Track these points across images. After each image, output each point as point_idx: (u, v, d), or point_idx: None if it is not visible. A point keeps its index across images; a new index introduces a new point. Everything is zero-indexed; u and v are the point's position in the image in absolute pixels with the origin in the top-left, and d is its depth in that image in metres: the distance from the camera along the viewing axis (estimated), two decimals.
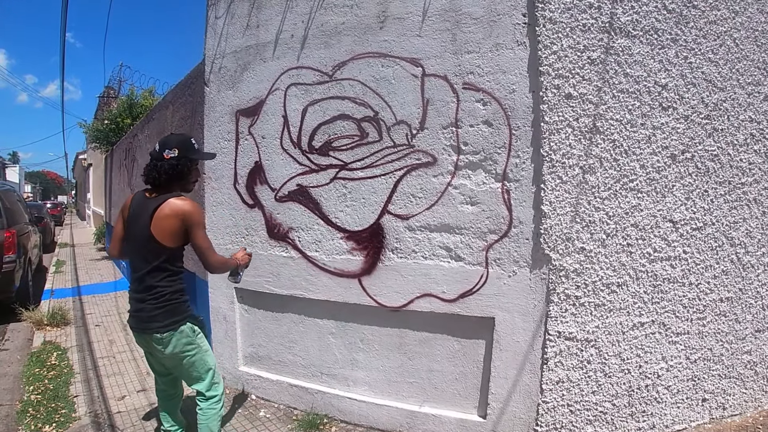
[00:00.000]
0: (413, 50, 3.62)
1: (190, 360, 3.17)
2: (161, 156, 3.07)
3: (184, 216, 2.99)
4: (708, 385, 4.01)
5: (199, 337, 3.21)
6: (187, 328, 3.12)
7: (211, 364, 3.28)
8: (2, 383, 5.18)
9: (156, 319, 3.03)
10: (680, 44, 3.53)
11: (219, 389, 3.32)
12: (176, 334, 3.06)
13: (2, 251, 7.45)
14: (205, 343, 3.26)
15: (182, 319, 3.10)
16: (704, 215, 3.77)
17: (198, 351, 3.19)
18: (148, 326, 3.05)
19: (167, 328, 3.04)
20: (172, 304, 3.07)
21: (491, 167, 3.46)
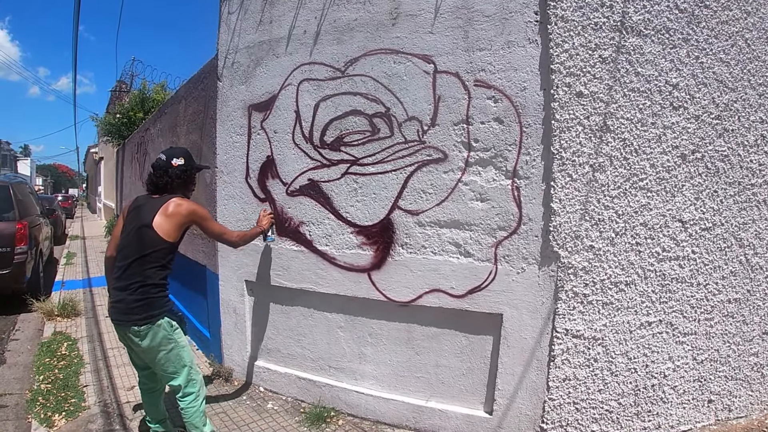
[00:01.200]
0: (425, 47, 3.64)
1: (166, 355, 3.22)
2: (170, 164, 3.40)
3: (193, 214, 3.31)
4: (714, 386, 4.01)
5: (176, 333, 3.27)
6: (165, 323, 3.19)
7: (187, 361, 3.32)
8: (13, 372, 5.25)
9: (134, 311, 3.13)
10: (692, 44, 3.53)
11: (196, 386, 3.37)
12: (153, 328, 3.14)
13: (14, 243, 7.50)
14: (182, 339, 3.32)
15: (160, 313, 3.19)
16: (713, 216, 3.77)
17: (175, 346, 3.25)
18: (128, 318, 3.15)
19: (145, 320, 3.13)
20: (151, 297, 3.17)
21: (501, 164, 3.47)
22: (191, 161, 3.54)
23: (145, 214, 3.24)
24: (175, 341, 3.24)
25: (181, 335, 3.32)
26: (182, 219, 3.26)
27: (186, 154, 3.53)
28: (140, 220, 3.23)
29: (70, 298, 7.53)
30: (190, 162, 3.53)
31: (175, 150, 3.55)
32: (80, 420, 4.13)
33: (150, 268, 3.18)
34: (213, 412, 4.21)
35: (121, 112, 14.55)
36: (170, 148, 3.62)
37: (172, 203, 3.26)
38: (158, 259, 3.21)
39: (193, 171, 3.56)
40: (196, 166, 3.61)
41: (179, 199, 3.31)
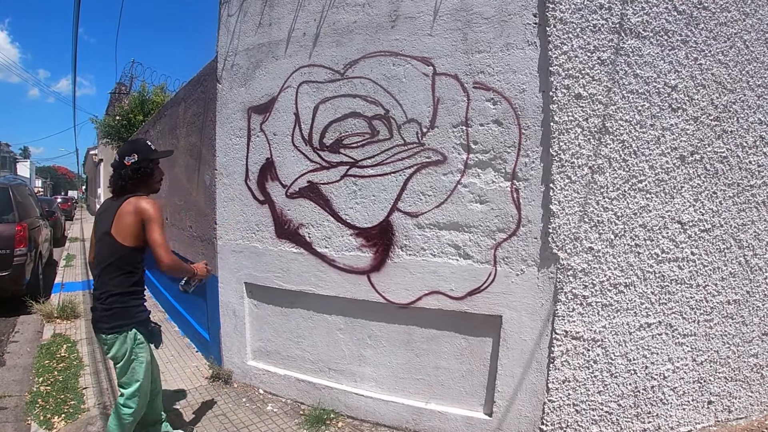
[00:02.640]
0: (424, 49, 3.64)
1: (124, 365, 3.15)
2: (122, 164, 3.21)
3: (141, 212, 3.08)
4: (714, 387, 4.01)
5: (139, 347, 3.17)
6: (131, 335, 3.12)
7: (139, 378, 3.18)
8: (12, 374, 5.25)
9: (103, 320, 3.10)
10: (690, 46, 3.54)
11: (134, 405, 3.19)
12: (120, 338, 3.10)
13: (14, 245, 7.50)
14: (144, 355, 3.21)
15: (128, 324, 3.12)
16: (713, 217, 3.77)
17: (134, 360, 3.16)
18: (97, 326, 3.15)
19: (112, 330, 3.09)
20: (119, 306, 3.09)
21: (501, 166, 3.47)
22: (147, 153, 3.27)
23: (105, 221, 3.16)
24: (136, 355, 3.15)
25: (145, 350, 3.22)
26: (131, 218, 3.07)
27: (140, 148, 3.28)
28: (102, 227, 3.16)
29: (70, 300, 7.54)
30: (146, 155, 3.26)
31: (127, 146, 3.36)
32: (80, 422, 4.13)
33: (116, 276, 3.11)
34: (212, 414, 4.22)
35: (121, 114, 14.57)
36: (123, 144, 3.47)
37: (124, 204, 3.11)
38: (123, 266, 3.11)
39: (150, 164, 3.29)
40: (152, 158, 3.31)
41: (133, 198, 3.13)
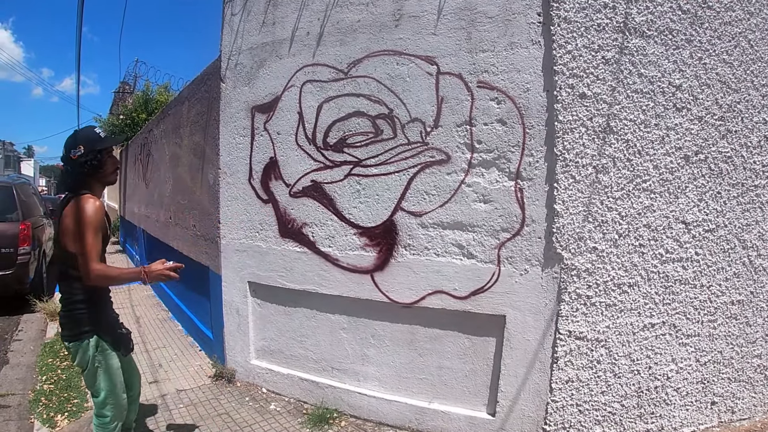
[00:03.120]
0: (428, 48, 3.64)
1: (88, 374, 2.97)
2: (69, 158, 2.93)
3: (77, 214, 2.81)
4: (717, 388, 4.00)
5: (104, 354, 2.96)
6: (92, 342, 2.91)
7: (106, 387, 2.97)
8: (15, 373, 5.26)
9: (64, 327, 2.98)
10: (695, 45, 3.53)
11: (110, 412, 3.02)
12: (81, 346, 2.91)
13: (17, 243, 7.55)
14: (111, 362, 2.99)
15: (87, 332, 2.91)
16: (717, 217, 3.76)
17: (99, 368, 2.95)
18: (61, 334, 3.05)
19: (72, 338, 2.92)
20: (77, 313, 2.91)
21: (505, 166, 3.47)
22: (93, 143, 2.94)
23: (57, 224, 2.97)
24: (101, 363, 2.94)
25: (112, 358, 2.99)
26: (70, 221, 2.84)
27: (85, 139, 2.96)
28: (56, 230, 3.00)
29: None
30: (92, 145, 2.93)
31: (71, 138, 3.00)
32: (83, 420, 4.15)
33: (70, 283, 2.91)
34: (216, 413, 4.22)
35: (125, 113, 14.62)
36: (70, 135, 3.08)
37: (68, 206, 2.89)
38: (72, 272, 2.87)
39: (99, 155, 2.95)
40: (100, 149, 2.96)
41: (76, 199, 2.86)
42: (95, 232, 2.82)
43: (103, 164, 3.00)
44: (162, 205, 7.86)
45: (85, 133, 3.05)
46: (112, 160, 3.09)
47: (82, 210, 2.80)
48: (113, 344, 3.01)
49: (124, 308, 7.82)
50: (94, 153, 2.93)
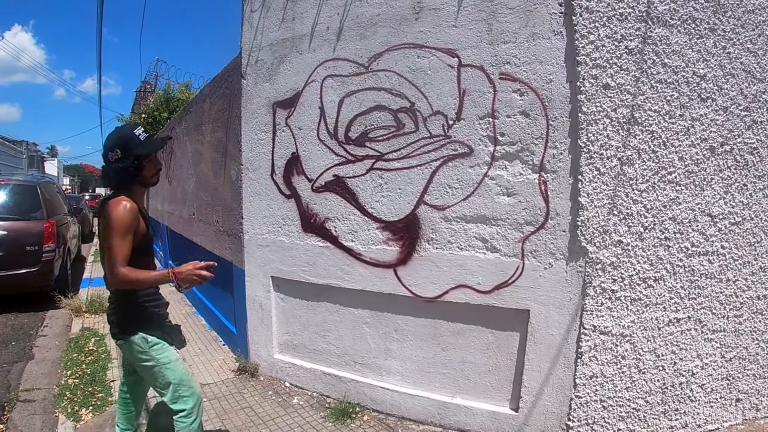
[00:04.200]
0: (449, 41, 3.62)
1: (148, 371, 2.93)
2: (107, 159, 2.83)
3: (106, 216, 2.72)
4: (742, 384, 3.95)
5: (154, 349, 2.88)
6: (138, 339, 2.84)
7: (171, 379, 2.92)
8: (41, 368, 5.33)
9: (113, 323, 2.94)
10: (718, 34, 3.48)
11: (187, 404, 2.97)
12: (128, 342, 2.87)
13: (42, 241, 7.66)
14: (164, 356, 2.91)
15: (131, 329, 2.85)
16: (743, 210, 3.71)
17: (155, 365, 2.89)
18: (110, 330, 2.98)
19: (119, 335, 2.90)
20: (122, 311, 2.89)
21: (528, 158, 3.44)
22: (131, 148, 2.81)
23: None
24: (154, 359, 2.88)
25: (163, 351, 2.92)
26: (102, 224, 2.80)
27: (123, 142, 2.82)
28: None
29: (98, 295, 7.63)
30: (129, 149, 2.80)
31: (111, 137, 2.89)
32: (107, 414, 4.20)
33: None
34: (239, 407, 4.24)
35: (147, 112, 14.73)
36: (110, 134, 2.99)
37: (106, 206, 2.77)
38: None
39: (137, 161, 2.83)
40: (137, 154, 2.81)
41: (111, 201, 2.76)
42: (122, 235, 2.69)
43: (140, 169, 2.86)
44: (185, 202, 7.92)
45: (124, 135, 2.88)
46: (152, 164, 2.96)
47: (110, 213, 2.70)
48: (164, 338, 2.94)
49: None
50: (131, 157, 2.80)
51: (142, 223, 2.86)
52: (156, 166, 3.01)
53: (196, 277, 2.77)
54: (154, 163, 2.99)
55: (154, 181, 3.02)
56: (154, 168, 2.99)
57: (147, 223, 2.95)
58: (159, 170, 3.05)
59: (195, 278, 2.77)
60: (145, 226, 2.90)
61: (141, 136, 2.87)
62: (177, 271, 2.75)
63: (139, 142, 2.83)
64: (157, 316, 2.99)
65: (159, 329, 2.94)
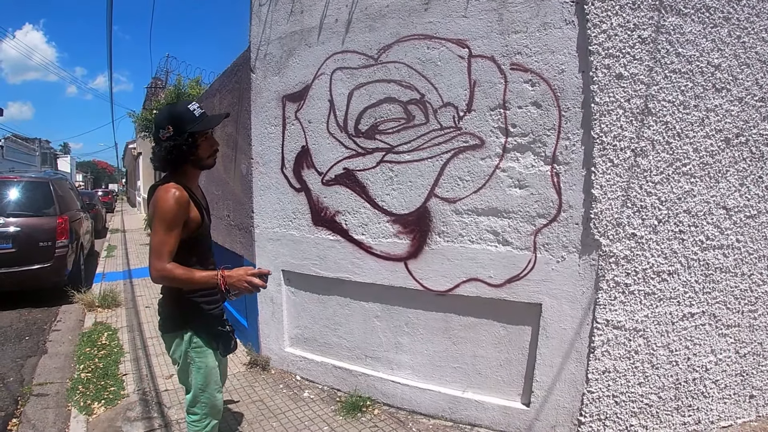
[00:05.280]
0: (459, 31, 3.58)
1: (181, 369, 2.77)
2: (158, 138, 2.61)
3: (153, 205, 2.54)
4: (756, 381, 3.91)
5: (196, 351, 2.71)
6: (186, 338, 2.69)
7: (198, 383, 2.75)
8: (54, 362, 5.36)
9: (161, 316, 2.79)
10: (733, 23, 3.41)
11: (203, 409, 2.80)
12: (176, 339, 2.72)
13: (55, 237, 7.73)
14: (201, 360, 2.72)
15: (181, 326, 2.70)
16: (759, 203, 3.65)
17: (191, 366, 2.72)
18: (160, 324, 2.83)
19: (167, 330, 2.75)
20: (173, 305, 2.72)
21: (540, 150, 3.40)
22: (184, 124, 2.57)
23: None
24: (194, 360, 2.70)
25: (207, 356, 2.74)
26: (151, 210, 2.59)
27: (177, 117, 2.59)
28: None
29: (111, 290, 7.73)
30: (184, 126, 2.56)
31: (162, 113, 2.72)
32: (119, 408, 4.21)
33: None
34: (250, 400, 4.26)
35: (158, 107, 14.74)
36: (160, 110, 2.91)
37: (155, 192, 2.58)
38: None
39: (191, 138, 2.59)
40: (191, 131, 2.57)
41: (160, 187, 2.57)
42: (167, 227, 2.47)
43: (195, 147, 2.62)
44: None
45: (177, 110, 2.65)
46: (208, 142, 2.70)
47: (157, 202, 2.50)
48: (209, 342, 2.75)
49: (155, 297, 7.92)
50: (184, 136, 2.56)
51: (195, 213, 2.62)
52: (212, 146, 2.73)
53: (248, 284, 2.56)
54: (211, 143, 2.72)
55: (210, 163, 2.76)
56: (211, 148, 2.72)
57: (203, 212, 2.72)
58: (215, 151, 2.77)
59: (246, 286, 2.56)
60: (200, 215, 2.65)
61: (196, 112, 2.61)
62: (227, 275, 2.55)
63: (193, 118, 2.59)
64: (210, 318, 2.76)
65: (206, 332, 2.74)
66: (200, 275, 2.53)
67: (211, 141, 2.71)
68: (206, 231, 2.78)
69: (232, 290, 2.57)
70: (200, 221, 2.65)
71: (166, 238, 2.46)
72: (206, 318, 2.73)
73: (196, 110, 2.60)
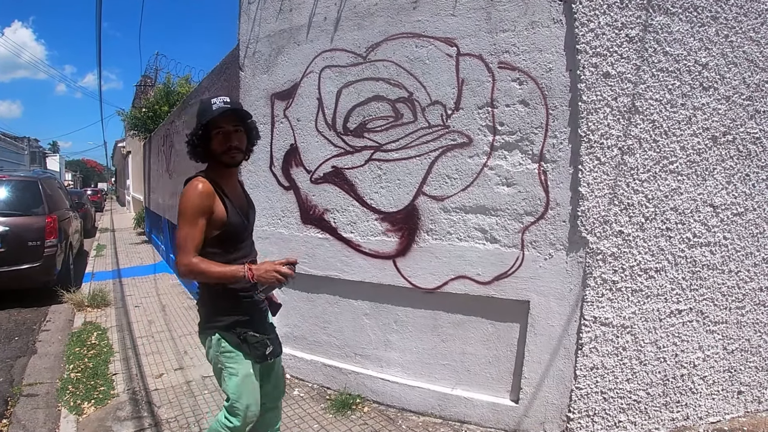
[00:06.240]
0: (447, 30, 3.59)
1: (216, 373, 2.68)
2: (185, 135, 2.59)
3: (180, 200, 2.46)
4: (744, 377, 3.94)
5: (226, 356, 2.56)
6: (215, 340, 2.56)
7: (230, 391, 2.57)
8: (43, 362, 5.32)
9: (200, 316, 2.69)
10: (720, 22, 3.44)
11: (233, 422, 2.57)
12: (207, 341, 2.62)
13: (44, 236, 7.67)
14: (235, 367, 2.56)
15: (210, 328, 2.59)
16: (745, 200, 3.68)
17: (222, 368, 2.59)
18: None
19: (201, 331, 2.66)
20: (205, 306, 2.64)
21: (528, 148, 3.41)
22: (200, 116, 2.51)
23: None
24: (224, 365, 2.56)
25: (240, 362, 2.56)
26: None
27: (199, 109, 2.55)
28: None
29: (100, 289, 7.69)
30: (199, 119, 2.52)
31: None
32: (109, 407, 4.19)
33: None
34: None
35: (147, 106, 14.72)
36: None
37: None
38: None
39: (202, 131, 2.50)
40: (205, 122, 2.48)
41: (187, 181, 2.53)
42: (190, 220, 2.40)
43: (207, 140, 2.52)
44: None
45: (201, 103, 2.58)
46: (222, 136, 2.51)
47: (182, 196, 2.43)
48: (239, 348, 2.56)
49: (150, 297, 7.94)
50: (197, 128, 2.51)
51: (221, 208, 2.49)
52: (226, 142, 2.51)
53: (277, 274, 2.42)
54: (225, 137, 2.51)
55: (227, 159, 2.55)
56: (224, 143, 2.51)
57: (233, 209, 2.57)
58: (232, 148, 2.53)
59: (274, 275, 2.42)
60: (225, 210, 2.51)
61: (215, 104, 2.47)
62: (255, 268, 2.43)
63: (203, 110, 2.50)
64: (239, 321, 2.58)
65: (237, 336, 2.55)
66: (226, 268, 2.43)
67: (227, 135, 2.51)
68: (235, 229, 2.61)
69: (260, 285, 2.45)
70: (225, 218, 2.51)
71: (190, 230, 2.40)
72: (232, 321, 2.57)
73: (217, 103, 2.48)
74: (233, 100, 2.54)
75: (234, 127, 2.53)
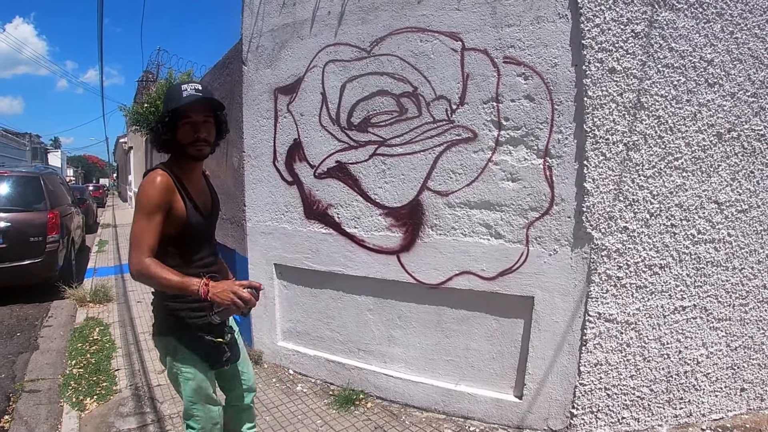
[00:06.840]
0: (452, 24, 3.58)
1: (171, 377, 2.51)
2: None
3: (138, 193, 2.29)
4: (747, 374, 3.92)
5: (183, 361, 2.41)
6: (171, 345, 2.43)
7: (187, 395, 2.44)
8: (46, 358, 5.33)
9: (154, 318, 2.53)
10: (726, 18, 3.42)
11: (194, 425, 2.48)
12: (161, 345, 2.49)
13: (46, 232, 7.67)
14: (189, 371, 2.41)
15: (165, 331, 2.45)
16: (750, 197, 3.67)
17: (179, 375, 2.42)
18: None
19: (154, 333, 2.52)
20: (156, 309, 2.50)
21: (533, 143, 3.41)
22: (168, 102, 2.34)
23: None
24: (179, 370, 2.41)
25: (193, 367, 2.41)
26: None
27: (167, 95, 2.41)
28: None
29: (102, 285, 7.70)
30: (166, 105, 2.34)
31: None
32: (111, 403, 4.19)
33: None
34: None
35: (149, 101, 14.66)
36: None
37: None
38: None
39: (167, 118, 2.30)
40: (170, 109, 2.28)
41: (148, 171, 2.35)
42: (146, 216, 2.21)
43: (173, 130, 2.32)
44: None
45: (169, 89, 2.43)
46: (189, 127, 2.32)
47: (139, 189, 2.26)
48: (196, 353, 2.42)
49: (147, 292, 7.92)
50: (163, 115, 2.31)
51: (180, 204, 2.31)
52: (195, 133, 2.32)
53: (234, 296, 2.14)
54: (191, 128, 2.32)
55: (192, 152, 2.36)
56: (193, 134, 2.32)
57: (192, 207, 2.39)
58: (199, 140, 2.34)
59: (233, 298, 2.14)
60: (184, 209, 2.33)
61: (186, 92, 2.28)
62: (212, 285, 2.17)
63: (170, 97, 2.33)
64: (194, 328, 2.39)
65: (192, 341, 2.40)
66: (180, 279, 2.19)
67: (194, 126, 2.32)
68: (195, 231, 2.43)
69: (216, 306, 2.19)
70: (184, 216, 2.33)
71: (145, 228, 2.21)
72: (190, 326, 2.39)
73: (188, 90, 2.29)
74: (205, 87, 2.40)
75: (204, 117, 2.36)
